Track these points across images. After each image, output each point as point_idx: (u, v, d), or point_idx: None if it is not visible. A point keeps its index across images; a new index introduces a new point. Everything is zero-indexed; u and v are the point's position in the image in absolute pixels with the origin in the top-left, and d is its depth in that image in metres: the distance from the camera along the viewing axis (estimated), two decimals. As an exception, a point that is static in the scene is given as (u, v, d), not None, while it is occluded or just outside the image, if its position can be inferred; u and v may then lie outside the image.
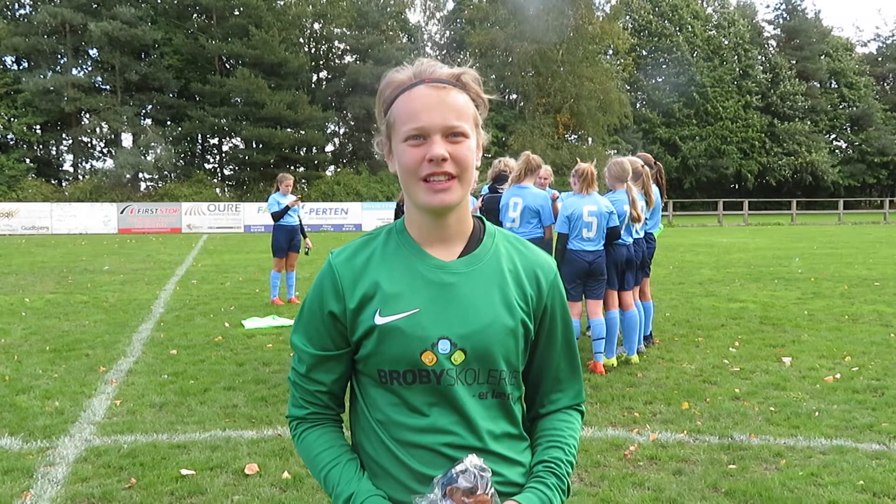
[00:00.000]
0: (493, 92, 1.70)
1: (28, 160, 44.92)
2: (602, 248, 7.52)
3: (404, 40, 55.36)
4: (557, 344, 1.77)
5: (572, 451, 1.73)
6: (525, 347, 1.70)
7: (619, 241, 7.74)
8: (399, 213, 6.94)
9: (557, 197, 8.38)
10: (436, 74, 1.61)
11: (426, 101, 1.57)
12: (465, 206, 1.66)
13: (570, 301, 7.57)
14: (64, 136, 47.92)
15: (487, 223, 1.76)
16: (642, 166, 8.14)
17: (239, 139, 50.28)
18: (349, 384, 1.76)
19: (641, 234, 8.30)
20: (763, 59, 69.12)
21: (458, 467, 1.51)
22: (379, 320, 1.61)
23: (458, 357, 1.60)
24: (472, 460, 1.53)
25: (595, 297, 7.63)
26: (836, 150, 69.35)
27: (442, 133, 1.56)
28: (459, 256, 1.67)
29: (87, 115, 46.58)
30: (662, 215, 9.30)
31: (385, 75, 1.67)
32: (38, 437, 5.53)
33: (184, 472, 4.83)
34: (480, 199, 8.88)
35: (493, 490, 1.52)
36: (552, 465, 1.69)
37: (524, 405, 1.80)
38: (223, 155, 52.92)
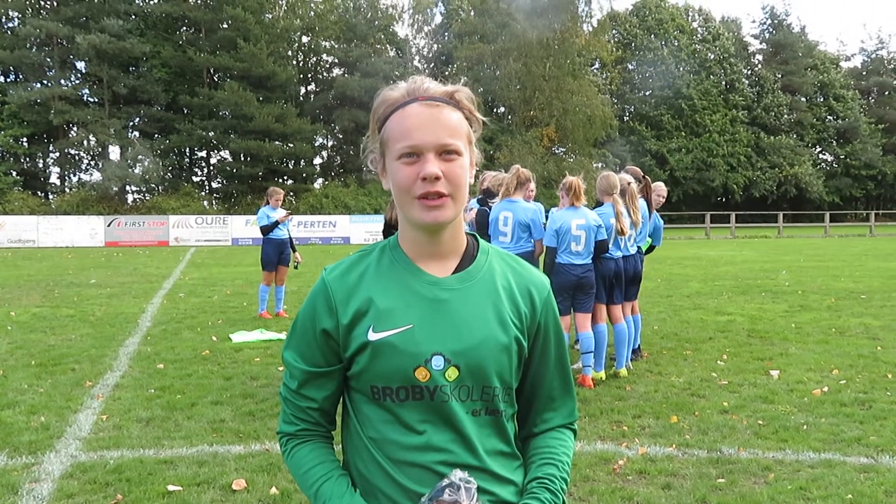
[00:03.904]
0: (480, 105, 1.70)
1: (14, 173, 44.64)
2: (590, 261, 7.53)
3: (392, 54, 55.45)
4: (551, 362, 1.77)
5: (566, 468, 1.73)
6: (518, 365, 1.70)
7: (607, 254, 7.75)
8: (388, 229, 6.92)
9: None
10: (429, 92, 1.61)
11: (420, 118, 1.57)
12: (458, 222, 1.67)
13: (581, 313, 7.62)
14: (51, 148, 47.68)
15: (481, 240, 1.76)
16: (629, 184, 8.16)
17: (227, 152, 50.11)
18: (342, 402, 1.76)
19: (634, 251, 8.30)
20: (749, 72, 69.56)
21: (444, 482, 1.52)
22: (372, 336, 1.60)
23: (452, 373, 1.60)
24: (457, 474, 1.53)
25: (584, 311, 7.63)
26: (822, 164, 69.80)
27: (435, 151, 1.57)
28: (453, 273, 1.67)
29: (75, 128, 46.33)
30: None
31: (379, 93, 1.67)
32: (24, 453, 5.48)
33: (170, 487, 4.79)
34: (472, 211, 8.88)
35: (478, 502, 1.52)
36: (546, 480, 1.68)
37: (516, 424, 1.79)
38: (211, 168, 52.78)
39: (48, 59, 45.36)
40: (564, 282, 7.41)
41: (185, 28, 50.02)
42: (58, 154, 47.73)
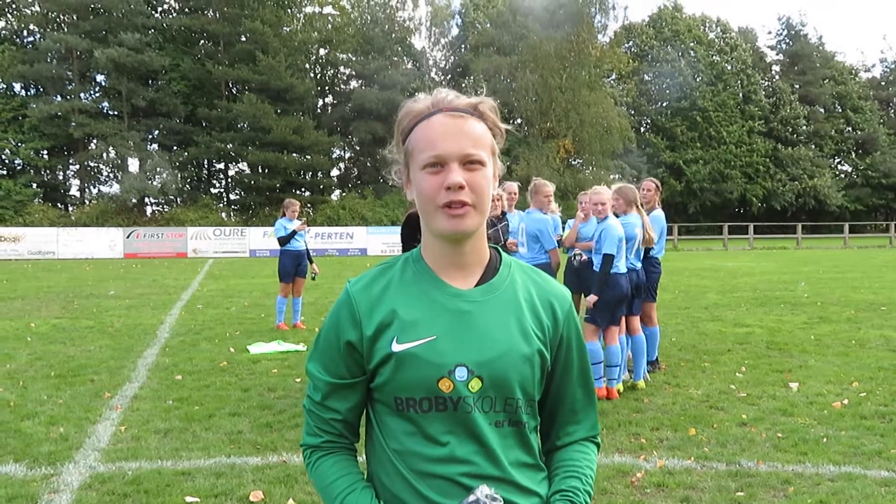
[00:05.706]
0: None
1: (35, 185, 45.16)
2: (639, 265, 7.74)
3: (409, 66, 55.69)
4: (574, 374, 1.77)
5: (589, 481, 1.74)
6: (541, 377, 1.70)
7: (629, 265, 7.75)
8: (405, 237, 6.91)
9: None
10: (454, 104, 1.63)
11: (444, 129, 1.59)
12: (481, 234, 1.68)
13: (614, 326, 7.56)
14: (71, 161, 48.18)
15: (503, 253, 1.77)
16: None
17: (245, 164, 50.48)
18: (365, 414, 1.76)
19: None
20: (766, 83, 69.29)
21: (470, 499, 1.52)
22: (396, 347, 1.61)
23: (476, 384, 1.60)
24: (483, 490, 1.53)
25: (615, 323, 7.61)
26: (842, 174, 69.35)
27: (459, 161, 1.58)
28: (476, 285, 1.68)
29: (94, 141, 46.80)
30: (667, 239, 9.28)
31: (403, 104, 1.69)
32: (43, 464, 5.51)
33: (188, 499, 4.80)
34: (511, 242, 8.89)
35: None
36: (569, 493, 1.69)
37: (539, 437, 1.80)
38: (229, 180, 53.12)
39: (68, 73, 45.96)
40: (619, 293, 7.39)
41: (203, 41, 50.51)
42: (77, 166, 48.20)
